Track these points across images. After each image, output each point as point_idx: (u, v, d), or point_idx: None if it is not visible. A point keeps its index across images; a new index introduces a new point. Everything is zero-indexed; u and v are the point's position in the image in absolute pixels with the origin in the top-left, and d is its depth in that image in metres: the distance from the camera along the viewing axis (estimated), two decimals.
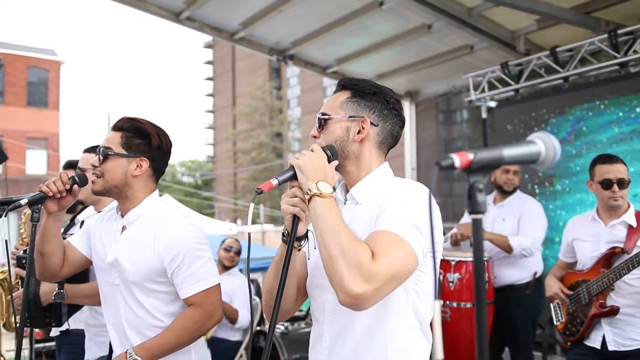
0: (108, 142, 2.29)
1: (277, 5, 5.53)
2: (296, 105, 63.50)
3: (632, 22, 4.91)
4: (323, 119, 1.80)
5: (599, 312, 3.14)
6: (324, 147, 1.72)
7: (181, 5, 5.70)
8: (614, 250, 3.13)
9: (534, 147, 0.98)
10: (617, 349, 3.08)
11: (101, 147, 2.28)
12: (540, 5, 4.83)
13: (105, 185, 2.27)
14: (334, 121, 1.78)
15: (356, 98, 1.80)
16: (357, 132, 1.77)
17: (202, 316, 2.21)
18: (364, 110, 1.78)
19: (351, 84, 1.83)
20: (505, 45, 5.86)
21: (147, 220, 2.28)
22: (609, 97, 5.26)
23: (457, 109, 36.21)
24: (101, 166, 2.27)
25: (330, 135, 1.78)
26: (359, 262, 1.42)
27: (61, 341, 3.30)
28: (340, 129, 1.77)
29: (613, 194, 3.14)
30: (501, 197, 4.60)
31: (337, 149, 1.75)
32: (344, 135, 1.77)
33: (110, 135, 2.32)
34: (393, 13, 5.50)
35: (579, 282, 3.32)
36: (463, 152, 0.94)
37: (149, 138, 2.31)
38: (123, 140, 2.29)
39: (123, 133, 2.30)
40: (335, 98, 1.83)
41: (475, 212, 0.92)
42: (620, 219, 3.18)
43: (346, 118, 1.77)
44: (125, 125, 2.32)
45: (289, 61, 6.68)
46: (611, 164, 3.20)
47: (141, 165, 2.29)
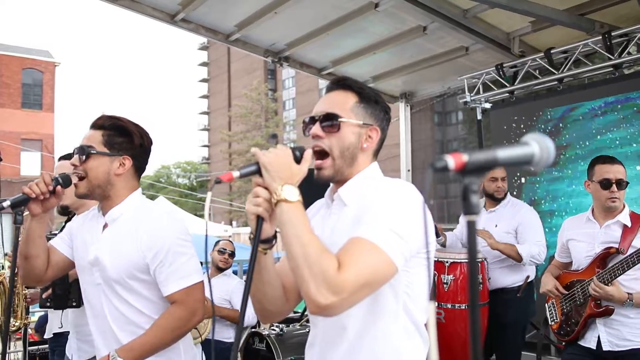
0: (89, 141, 2.24)
1: (273, 7, 5.53)
2: (291, 107, 63.52)
3: (626, 23, 4.93)
4: (335, 121, 1.68)
5: (594, 312, 3.15)
6: (294, 147, 1.63)
7: (176, 7, 5.69)
8: (609, 251, 3.14)
9: (528, 149, 0.98)
10: (611, 349, 3.09)
11: (82, 146, 2.22)
12: (535, 7, 4.85)
13: (89, 186, 2.23)
14: (347, 125, 1.69)
15: (364, 103, 1.73)
16: (365, 139, 1.71)
17: (185, 314, 2.17)
18: (372, 118, 1.73)
19: (357, 88, 1.75)
20: (500, 47, 5.88)
21: (130, 217, 2.25)
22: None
23: (453, 110, 36.29)
24: (82, 165, 2.22)
25: (342, 140, 1.68)
26: (324, 274, 1.39)
27: (55, 343, 3.30)
28: (353, 134, 1.69)
29: (611, 194, 3.14)
30: (492, 203, 4.62)
31: (347, 156, 1.69)
32: (356, 142, 1.70)
33: (90, 134, 2.27)
34: (388, 15, 5.50)
35: (573, 282, 3.33)
36: (457, 153, 0.94)
37: (131, 136, 2.28)
38: (105, 138, 2.24)
39: (104, 131, 2.26)
40: (343, 99, 1.73)
41: (470, 214, 0.92)
42: (615, 219, 3.18)
43: (360, 124, 1.70)
44: (106, 124, 2.27)
45: (284, 63, 6.67)
46: (611, 164, 3.21)
47: (124, 164, 2.26)
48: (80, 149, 2.23)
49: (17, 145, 27.94)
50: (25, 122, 29.89)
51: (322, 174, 1.71)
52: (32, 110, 30.63)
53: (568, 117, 5.62)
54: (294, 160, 1.59)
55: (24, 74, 30.73)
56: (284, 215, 1.50)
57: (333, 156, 1.68)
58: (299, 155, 1.61)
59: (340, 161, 1.69)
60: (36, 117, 30.52)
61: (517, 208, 4.54)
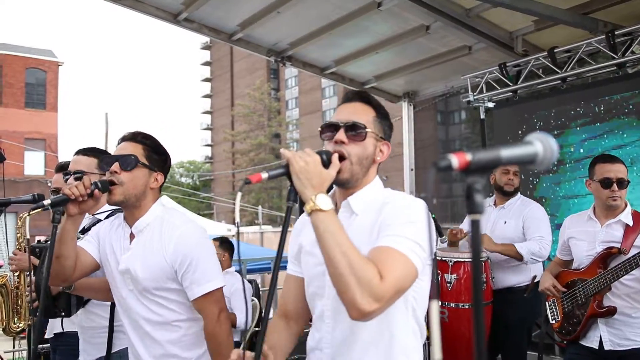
0: (132, 152, 2.35)
1: (275, 7, 5.52)
2: (294, 106, 63.53)
3: (630, 22, 4.92)
4: (361, 130, 1.77)
5: (597, 312, 3.14)
6: (320, 151, 1.70)
7: (179, 7, 5.69)
8: (611, 251, 3.13)
9: (532, 148, 0.98)
10: (613, 349, 3.09)
11: (130, 156, 2.32)
12: (538, 6, 4.84)
13: (126, 194, 2.32)
14: (370, 135, 1.79)
15: (380, 119, 1.84)
16: (378, 152, 1.82)
17: (214, 316, 2.29)
18: (385, 134, 1.85)
19: (375, 104, 1.86)
20: (503, 46, 5.86)
21: (155, 227, 2.35)
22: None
23: (456, 109, 36.29)
24: (124, 173, 2.31)
25: (364, 149, 1.78)
26: (370, 283, 1.48)
27: (56, 343, 3.30)
28: (372, 145, 1.80)
29: (612, 193, 3.14)
30: (502, 199, 4.58)
31: (365, 166, 1.78)
32: (373, 153, 1.80)
33: (131, 146, 2.37)
34: (391, 14, 5.49)
35: (575, 281, 3.32)
36: (461, 152, 0.94)
37: (165, 155, 2.46)
38: (146, 153, 2.38)
39: (145, 147, 2.39)
40: (365, 111, 1.83)
41: (474, 213, 0.92)
42: (617, 218, 3.18)
43: (379, 137, 1.82)
44: (146, 141, 2.41)
45: (287, 62, 6.66)
46: (612, 163, 3.21)
47: (157, 180, 2.41)
48: (127, 158, 2.32)
49: (21, 144, 27.99)
50: (28, 121, 29.94)
51: (340, 177, 1.75)
52: (36, 109, 30.68)
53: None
54: (322, 165, 1.67)
55: (28, 73, 30.78)
56: (321, 225, 1.56)
57: (351, 161, 1.76)
58: (326, 159, 1.69)
59: (358, 168, 1.77)
60: (40, 117, 30.57)
61: (525, 204, 4.52)
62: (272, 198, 53.09)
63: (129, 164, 2.31)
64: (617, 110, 5.23)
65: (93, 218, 3.01)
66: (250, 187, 54.37)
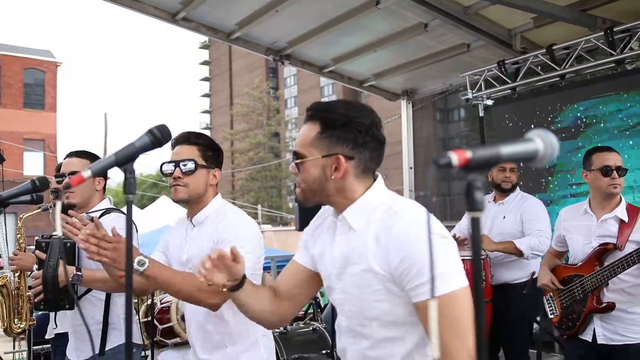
0: (190, 155, 2.48)
1: (274, 5, 5.52)
2: (293, 105, 63.54)
3: (628, 19, 4.92)
4: (296, 161, 1.74)
5: (595, 308, 3.16)
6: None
7: (177, 6, 5.69)
8: (607, 247, 3.15)
9: (532, 145, 0.97)
10: (605, 343, 3.14)
11: (186, 161, 2.45)
12: (536, 4, 4.84)
13: (190, 194, 2.48)
14: (308, 163, 1.71)
15: (327, 132, 1.69)
16: (333, 170, 1.68)
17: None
18: (337, 146, 1.68)
19: (321, 115, 1.71)
20: (502, 44, 5.86)
21: (213, 219, 2.51)
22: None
23: (455, 107, 36.25)
24: (186, 178, 2.46)
25: (307, 177, 1.73)
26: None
27: (57, 343, 3.31)
28: (316, 169, 1.70)
29: (613, 181, 3.16)
30: (501, 195, 4.60)
31: (316, 189, 1.74)
32: (321, 175, 1.70)
33: (187, 149, 2.50)
34: (389, 12, 5.49)
35: (571, 277, 3.33)
36: (461, 150, 0.94)
37: (218, 151, 2.60)
38: (201, 153, 2.50)
39: (199, 146, 2.51)
40: (306, 133, 1.72)
41: (474, 210, 0.92)
42: (612, 213, 3.20)
43: (320, 158, 1.69)
44: (199, 140, 2.53)
45: (285, 61, 6.66)
46: (609, 152, 3.26)
47: (215, 176, 2.56)
48: (185, 163, 2.45)
49: (20, 145, 27.97)
50: (27, 122, 29.92)
51: (298, 199, 1.82)
52: (35, 110, 30.65)
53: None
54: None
55: (26, 74, 30.76)
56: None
57: (302, 187, 1.76)
58: None
59: (310, 193, 1.75)
60: (38, 117, 30.55)
61: (524, 199, 4.54)
62: (271, 197, 53.14)
63: (189, 168, 2.45)
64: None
65: (87, 216, 3.02)
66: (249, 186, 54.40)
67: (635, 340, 3.08)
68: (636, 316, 3.11)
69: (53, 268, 2.76)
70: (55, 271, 2.76)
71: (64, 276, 2.76)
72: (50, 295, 2.79)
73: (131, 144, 1.43)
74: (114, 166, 1.39)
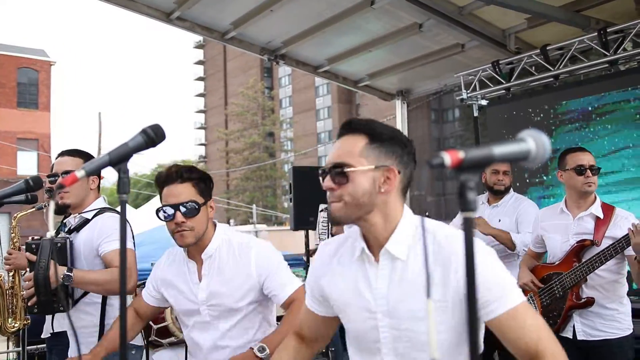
0: (188, 196, 2.35)
1: (268, 5, 5.52)
2: (288, 105, 63.52)
3: (621, 20, 4.94)
4: (344, 171, 1.57)
5: (575, 304, 3.23)
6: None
7: (172, 5, 5.68)
8: (584, 243, 3.22)
9: (524, 145, 0.98)
10: (585, 339, 3.20)
11: (187, 204, 2.33)
12: (531, 4, 4.85)
13: (197, 236, 2.39)
14: (358, 173, 1.57)
15: (376, 143, 1.60)
16: (382, 182, 1.59)
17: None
18: (387, 158, 1.60)
19: (366, 128, 1.62)
20: (496, 44, 5.88)
21: (223, 249, 2.46)
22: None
23: (449, 107, 36.34)
24: (189, 221, 2.34)
25: (356, 189, 1.57)
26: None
27: (52, 343, 3.30)
28: (367, 180, 1.57)
29: (587, 179, 3.23)
30: (494, 197, 4.60)
31: (363, 203, 1.59)
32: (372, 187, 1.58)
33: (181, 189, 2.36)
34: (384, 12, 5.50)
35: (550, 275, 3.39)
36: (453, 150, 0.94)
37: (210, 180, 2.48)
38: (197, 189, 2.39)
39: (193, 182, 2.39)
40: (352, 144, 1.61)
41: (466, 210, 0.92)
42: (588, 211, 3.28)
43: (372, 168, 1.58)
44: (192, 175, 2.40)
45: (280, 61, 6.66)
46: (583, 152, 3.34)
47: (212, 207, 2.47)
48: (187, 207, 2.34)
49: (13, 144, 27.86)
50: (21, 121, 29.80)
51: (333, 216, 1.64)
52: (28, 109, 30.54)
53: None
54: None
55: (20, 73, 30.64)
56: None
57: (344, 201, 1.59)
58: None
59: (354, 208, 1.59)
60: (32, 117, 30.43)
61: (518, 201, 4.55)
62: (266, 197, 53.07)
63: (192, 212, 2.34)
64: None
65: (80, 217, 3.02)
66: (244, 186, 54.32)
67: (614, 335, 3.16)
68: (614, 312, 3.19)
69: (44, 269, 2.73)
70: (46, 272, 2.73)
71: (55, 277, 2.72)
72: (43, 297, 2.76)
73: (125, 143, 1.41)
74: (108, 166, 1.38)
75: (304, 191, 5.79)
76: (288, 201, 6.17)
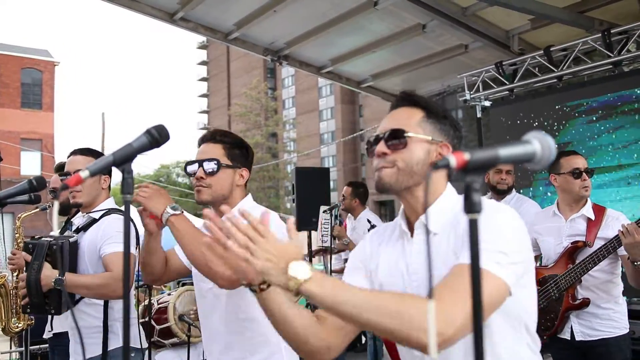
0: (213, 154, 2.35)
1: (272, 5, 5.53)
2: (291, 106, 63.52)
3: (625, 21, 4.93)
4: (401, 136, 1.56)
5: (571, 305, 3.25)
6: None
7: (175, 6, 5.69)
8: (577, 245, 3.25)
9: (530, 147, 0.98)
10: (584, 339, 3.22)
11: (208, 160, 2.33)
12: (534, 5, 4.85)
13: (214, 195, 2.35)
14: (414, 140, 1.56)
15: (432, 119, 1.61)
16: (435, 156, 1.57)
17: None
18: (441, 134, 1.60)
19: (424, 102, 1.63)
20: (500, 45, 5.88)
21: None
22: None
23: (452, 108, 36.23)
24: (209, 178, 2.33)
25: (410, 155, 1.55)
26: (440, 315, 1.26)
27: (54, 343, 3.30)
28: (422, 150, 1.56)
29: (584, 183, 3.26)
30: (497, 197, 4.59)
31: (416, 172, 1.55)
32: (426, 157, 1.56)
33: (211, 148, 2.38)
34: (387, 13, 5.50)
35: (546, 278, 3.40)
36: (459, 152, 0.94)
37: (246, 149, 2.45)
38: (226, 152, 2.37)
39: (224, 145, 2.39)
40: (409, 114, 1.61)
41: (472, 212, 0.92)
42: (580, 212, 3.31)
43: (429, 139, 1.57)
44: (224, 139, 2.41)
45: (283, 61, 6.67)
46: (576, 155, 3.36)
47: (242, 176, 2.42)
48: (208, 162, 2.33)
49: (17, 145, 27.92)
50: (24, 121, 29.86)
51: (381, 183, 1.59)
52: (32, 109, 30.61)
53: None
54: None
55: (23, 73, 30.71)
56: (326, 299, 1.30)
57: (398, 166, 1.56)
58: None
59: (406, 176, 1.56)
60: (36, 117, 30.49)
61: (520, 201, 4.54)
62: (269, 198, 53.10)
63: (212, 168, 2.32)
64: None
65: (88, 217, 3.02)
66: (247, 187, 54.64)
67: (612, 334, 3.19)
68: (610, 311, 3.22)
69: (36, 271, 2.71)
70: (37, 274, 2.71)
71: (49, 280, 2.71)
72: (35, 298, 2.75)
73: (129, 144, 1.41)
74: (112, 166, 1.37)
75: (306, 192, 5.80)
76: (291, 202, 6.16)
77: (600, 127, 5.32)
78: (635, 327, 4.06)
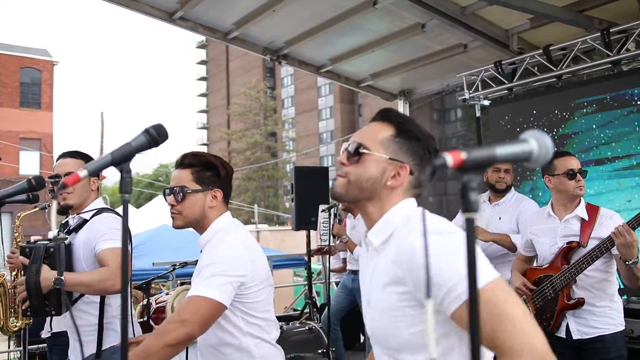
0: (181, 181, 2.40)
1: (271, 5, 5.52)
2: (290, 105, 63.59)
3: (625, 20, 4.93)
4: (359, 150, 1.60)
5: (566, 305, 3.29)
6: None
7: (174, 5, 5.69)
8: (571, 245, 3.29)
9: (527, 146, 0.98)
10: (580, 337, 3.26)
11: (176, 188, 2.37)
12: (533, 4, 4.85)
13: (185, 220, 2.40)
14: (372, 157, 1.59)
15: (400, 138, 1.61)
16: (392, 176, 1.59)
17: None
18: (406, 155, 1.60)
19: (398, 120, 1.64)
20: (499, 44, 5.87)
21: (212, 242, 2.39)
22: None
23: (451, 107, 36.36)
24: (179, 205, 2.38)
25: (363, 171, 1.59)
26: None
27: (53, 342, 3.31)
28: (377, 167, 1.59)
29: (578, 183, 3.30)
30: (496, 196, 4.59)
31: (365, 188, 1.60)
32: (379, 176, 1.59)
33: (179, 174, 2.42)
34: (387, 12, 5.50)
35: (541, 278, 3.44)
36: (456, 151, 0.94)
37: (217, 169, 2.44)
38: (194, 175, 2.41)
39: (193, 169, 2.42)
40: (377, 130, 1.63)
41: (469, 211, 0.92)
42: (573, 213, 3.35)
43: (386, 159, 1.59)
44: (193, 161, 2.43)
45: (282, 61, 6.66)
46: (570, 156, 3.40)
47: (216, 197, 2.43)
48: (175, 191, 2.37)
49: (16, 144, 27.90)
50: (23, 121, 29.85)
51: (333, 191, 1.66)
52: (31, 109, 30.59)
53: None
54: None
55: (22, 73, 30.69)
56: None
57: (349, 179, 1.61)
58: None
59: (355, 189, 1.61)
60: (35, 116, 30.48)
61: (519, 200, 4.55)
62: (268, 197, 53.11)
63: (179, 196, 2.37)
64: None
65: (79, 218, 3.03)
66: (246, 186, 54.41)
67: (608, 331, 3.23)
68: (606, 309, 3.26)
69: (35, 274, 2.74)
70: (36, 277, 2.73)
71: (48, 281, 2.73)
72: (35, 301, 2.77)
73: (127, 143, 1.41)
74: (110, 165, 1.38)
75: (305, 191, 5.79)
76: (290, 201, 6.16)
77: (599, 126, 5.33)
78: (634, 325, 4.09)
